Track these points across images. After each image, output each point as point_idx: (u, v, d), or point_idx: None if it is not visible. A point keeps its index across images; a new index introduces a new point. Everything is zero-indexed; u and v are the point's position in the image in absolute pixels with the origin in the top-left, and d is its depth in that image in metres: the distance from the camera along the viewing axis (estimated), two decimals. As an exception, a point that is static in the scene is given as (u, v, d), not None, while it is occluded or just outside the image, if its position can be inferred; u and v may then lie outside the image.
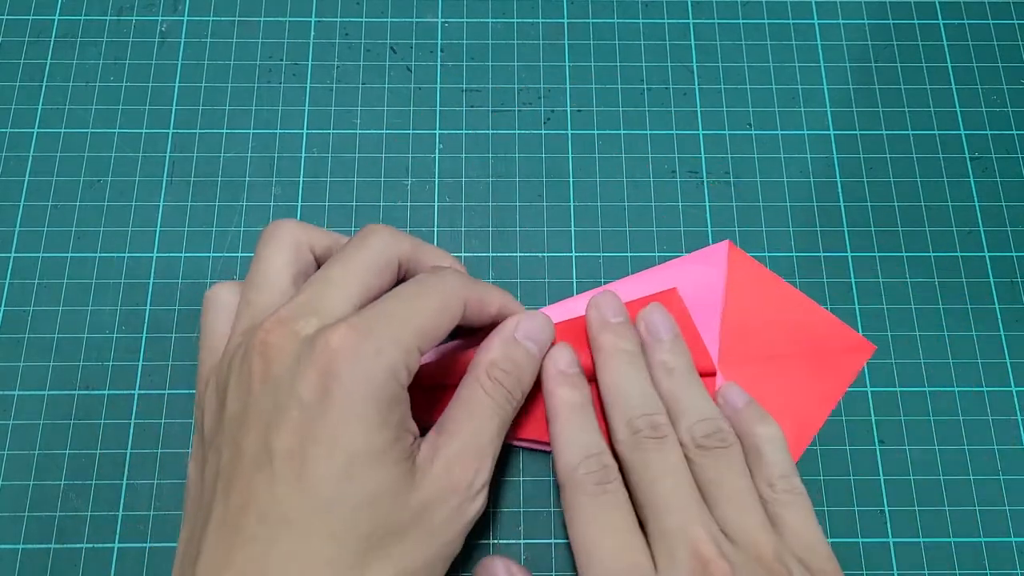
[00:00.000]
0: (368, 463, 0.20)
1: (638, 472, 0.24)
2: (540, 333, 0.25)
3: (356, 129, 0.31)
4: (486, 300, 0.24)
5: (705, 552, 0.22)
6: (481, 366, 0.24)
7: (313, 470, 0.20)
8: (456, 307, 0.23)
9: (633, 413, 0.25)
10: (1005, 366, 0.29)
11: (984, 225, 0.30)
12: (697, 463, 0.24)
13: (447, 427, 0.23)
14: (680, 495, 0.23)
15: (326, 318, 0.21)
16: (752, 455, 0.25)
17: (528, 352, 0.25)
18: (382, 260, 0.23)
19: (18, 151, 0.31)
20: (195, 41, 0.32)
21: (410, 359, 0.21)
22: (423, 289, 0.23)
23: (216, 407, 0.22)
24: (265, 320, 0.22)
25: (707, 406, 0.25)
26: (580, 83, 0.32)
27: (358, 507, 0.20)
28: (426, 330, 0.22)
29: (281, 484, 0.20)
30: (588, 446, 0.24)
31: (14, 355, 0.28)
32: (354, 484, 0.20)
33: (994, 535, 0.27)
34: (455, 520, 0.22)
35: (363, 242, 0.23)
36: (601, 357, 0.26)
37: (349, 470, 0.20)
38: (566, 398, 0.25)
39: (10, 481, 0.27)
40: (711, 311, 0.28)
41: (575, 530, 0.23)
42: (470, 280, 0.24)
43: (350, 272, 0.22)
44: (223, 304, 0.24)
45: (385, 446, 0.20)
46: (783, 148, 0.31)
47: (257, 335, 0.21)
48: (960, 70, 0.33)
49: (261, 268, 0.24)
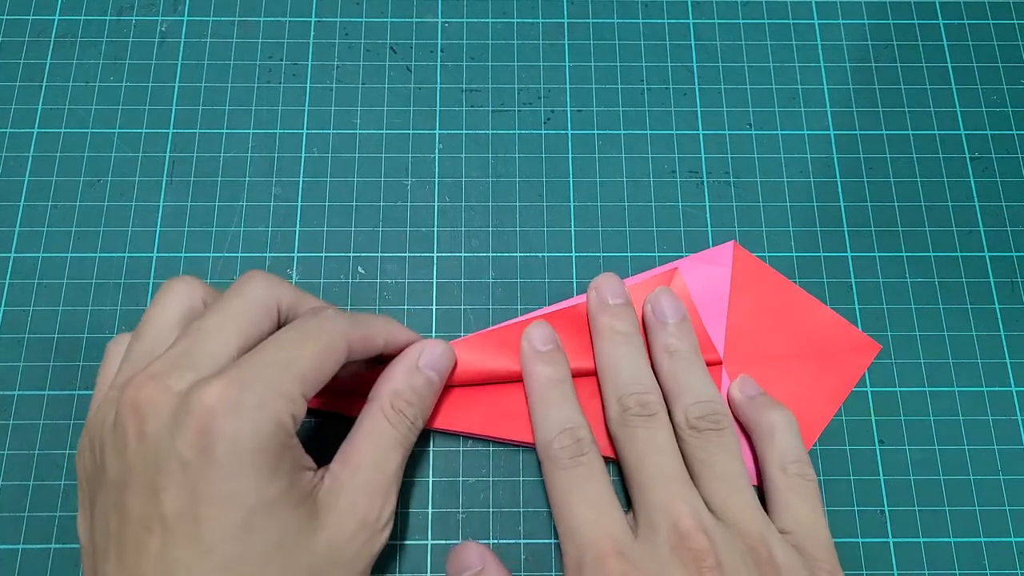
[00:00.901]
0: (266, 514, 0.20)
1: (626, 448, 0.25)
2: (440, 361, 0.25)
3: (356, 129, 0.31)
4: (370, 335, 0.24)
5: (685, 525, 0.22)
6: (385, 397, 0.24)
7: (209, 530, 0.19)
8: (340, 347, 0.22)
9: (623, 391, 0.25)
10: (1005, 366, 0.29)
11: (984, 225, 0.30)
12: (689, 444, 0.25)
13: (351, 460, 0.23)
14: (665, 471, 0.24)
15: (202, 370, 0.20)
16: (765, 440, 0.26)
17: (430, 381, 0.25)
18: (260, 306, 0.22)
19: (18, 151, 0.31)
20: (195, 41, 0.32)
21: (295, 407, 0.21)
22: (303, 333, 0.22)
23: (93, 467, 0.21)
24: (136, 375, 0.20)
25: (705, 389, 0.26)
26: (580, 83, 0.32)
27: (263, 560, 0.19)
28: (309, 375, 0.21)
29: (177, 548, 0.19)
30: (562, 421, 0.25)
31: (14, 355, 0.28)
32: (255, 537, 0.19)
33: (994, 535, 0.27)
34: (364, 553, 0.22)
35: (239, 289, 0.22)
36: (598, 338, 0.27)
37: (247, 525, 0.19)
38: (540, 374, 0.26)
39: (10, 481, 0.27)
40: (717, 311, 0.28)
41: (553, 503, 0.24)
42: (352, 317, 0.23)
43: (226, 320, 0.21)
44: (121, 354, 0.23)
45: (280, 494, 0.20)
46: (783, 148, 0.31)
47: (127, 391, 0.20)
48: (960, 70, 0.33)
49: (151, 318, 0.23)
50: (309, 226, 0.30)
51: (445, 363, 0.26)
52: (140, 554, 0.19)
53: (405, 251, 0.30)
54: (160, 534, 0.19)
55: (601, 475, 0.24)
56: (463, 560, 0.24)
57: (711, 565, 0.22)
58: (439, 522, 0.26)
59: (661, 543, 0.22)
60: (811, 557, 0.23)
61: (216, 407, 0.19)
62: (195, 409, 0.19)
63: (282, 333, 0.22)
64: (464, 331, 0.29)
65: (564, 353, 0.27)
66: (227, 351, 0.21)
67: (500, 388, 0.27)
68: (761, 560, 0.22)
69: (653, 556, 0.22)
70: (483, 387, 0.27)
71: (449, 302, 0.29)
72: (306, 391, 0.21)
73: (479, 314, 0.29)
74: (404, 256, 0.30)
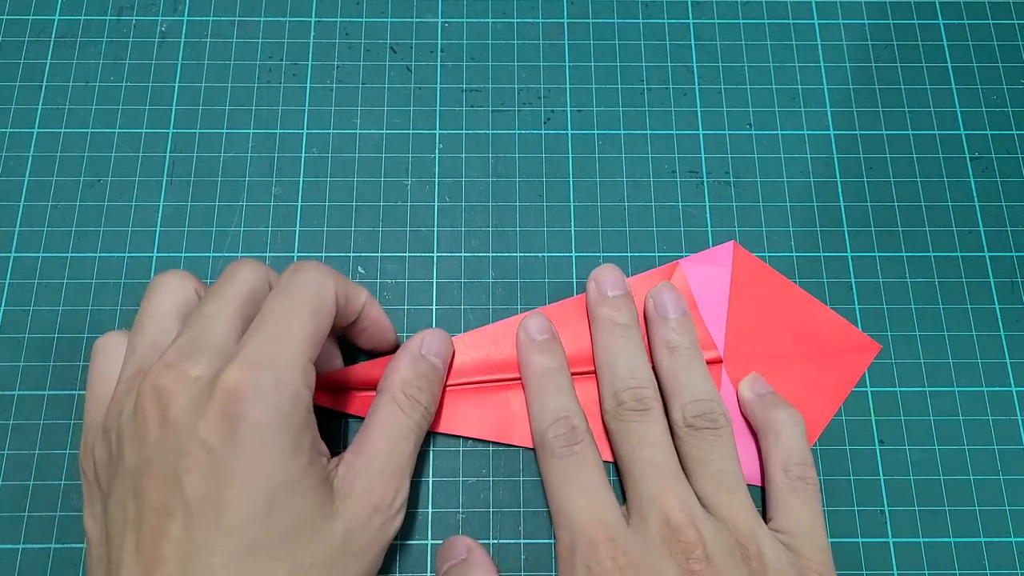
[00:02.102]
0: (286, 494, 0.20)
1: (620, 442, 0.25)
2: (442, 347, 0.26)
3: (356, 129, 0.31)
4: (352, 291, 0.24)
5: (675, 519, 0.23)
6: (396, 386, 0.24)
7: (232, 512, 0.19)
8: (329, 301, 0.23)
9: (620, 385, 0.25)
10: (1005, 366, 0.29)
11: (984, 225, 0.30)
12: (685, 442, 0.25)
13: (366, 447, 0.23)
14: (657, 466, 0.24)
15: (212, 355, 0.21)
16: (771, 439, 0.26)
17: (435, 367, 0.25)
18: (253, 288, 0.23)
19: (18, 151, 0.31)
20: (195, 41, 0.32)
21: (308, 376, 0.21)
22: (292, 297, 0.22)
23: (108, 458, 0.21)
24: (153, 365, 0.21)
25: (703, 386, 0.26)
26: (580, 83, 0.32)
27: (282, 543, 0.20)
28: (310, 338, 0.22)
29: (199, 531, 0.19)
30: (556, 410, 0.25)
31: (14, 355, 0.28)
32: (275, 520, 0.20)
33: (994, 535, 0.27)
34: (378, 540, 0.22)
35: (232, 275, 0.23)
36: (596, 329, 0.27)
37: (269, 506, 0.20)
38: (536, 364, 0.26)
39: (10, 481, 0.27)
40: (717, 310, 0.28)
41: (548, 491, 0.25)
42: (331, 269, 0.24)
43: (225, 304, 0.22)
44: (112, 351, 0.23)
45: (301, 473, 0.20)
46: (783, 148, 0.31)
47: (146, 380, 0.20)
48: (960, 70, 0.33)
49: (148, 311, 0.23)
50: (309, 226, 0.30)
51: (446, 349, 0.26)
52: (160, 539, 0.19)
53: (405, 251, 0.30)
54: (182, 517, 0.19)
55: (595, 464, 0.24)
56: (450, 552, 0.25)
57: (698, 557, 0.22)
58: (439, 522, 0.26)
59: (652, 534, 0.23)
60: (803, 557, 0.23)
61: (238, 390, 0.20)
62: (217, 393, 0.20)
63: (273, 301, 0.22)
64: (464, 331, 0.29)
65: (560, 343, 0.27)
66: (232, 334, 0.21)
67: (501, 394, 0.27)
68: (749, 555, 0.23)
69: (643, 545, 0.23)
70: (483, 392, 0.27)
71: (449, 302, 0.29)
72: (312, 355, 0.22)
73: (479, 314, 0.29)
74: (404, 256, 0.30)
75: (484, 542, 0.26)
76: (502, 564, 0.26)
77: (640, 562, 0.22)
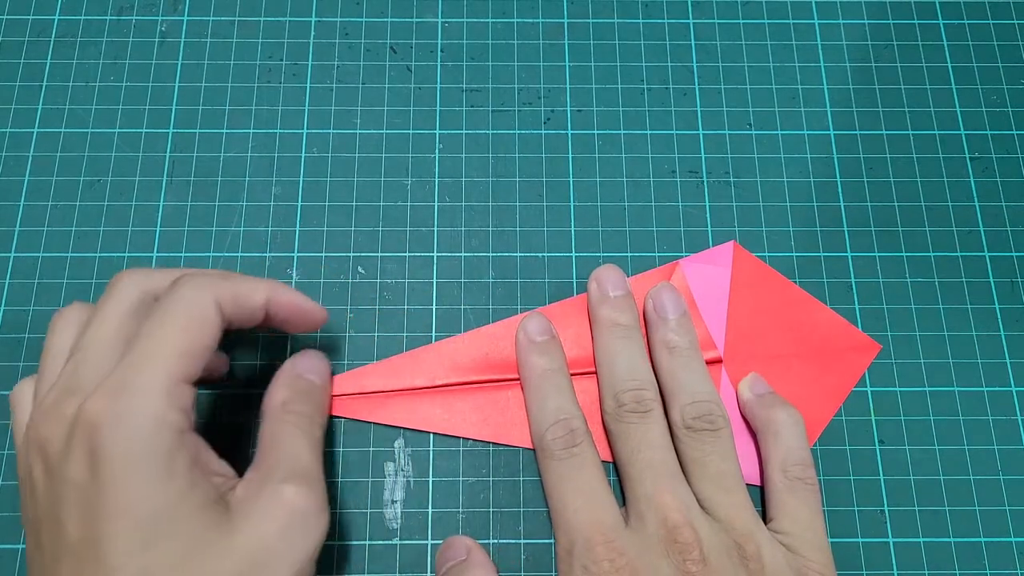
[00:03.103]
0: (166, 521, 0.19)
1: (619, 443, 0.25)
2: (316, 363, 0.25)
3: (356, 129, 0.31)
4: (242, 293, 0.22)
5: (673, 519, 0.23)
6: (277, 407, 0.23)
7: (111, 549, 0.19)
8: (209, 313, 0.21)
9: (620, 387, 0.25)
10: (1005, 366, 0.29)
11: (984, 225, 0.30)
12: (684, 443, 0.25)
13: (264, 461, 0.22)
14: (656, 466, 0.24)
15: (87, 388, 0.20)
16: (770, 439, 0.26)
17: (312, 383, 0.25)
18: (133, 303, 0.22)
19: (18, 151, 0.31)
20: (195, 41, 0.32)
21: (176, 398, 0.20)
22: (164, 314, 0.21)
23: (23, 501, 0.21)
24: (33, 411, 0.21)
25: (702, 387, 0.26)
26: (580, 83, 0.32)
27: (174, 569, 0.19)
28: (183, 356, 0.20)
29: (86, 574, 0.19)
30: (556, 412, 0.25)
31: (14, 355, 0.28)
32: (160, 548, 0.19)
33: (994, 535, 0.27)
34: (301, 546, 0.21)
35: (109, 293, 0.22)
36: (597, 329, 0.27)
37: (148, 536, 0.19)
38: (535, 365, 0.26)
39: (10, 481, 0.27)
40: (717, 310, 0.28)
41: (547, 493, 0.25)
42: (219, 275, 0.22)
43: (103, 328, 0.21)
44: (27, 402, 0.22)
45: (179, 497, 0.19)
46: (783, 148, 0.31)
47: (29, 434, 0.20)
48: (960, 70, 0.33)
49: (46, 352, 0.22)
50: (309, 226, 0.30)
51: (321, 365, 0.25)
52: None
53: (405, 251, 0.30)
54: (69, 563, 0.19)
55: (594, 465, 0.25)
56: (450, 552, 0.25)
57: (696, 558, 0.22)
58: (439, 522, 0.26)
59: (650, 534, 0.23)
60: (803, 558, 0.23)
61: (96, 423, 0.19)
62: (80, 430, 0.19)
63: (145, 322, 0.21)
64: (464, 331, 0.29)
65: (560, 344, 0.27)
66: (112, 359, 0.21)
67: (500, 394, 0.27)
68: (747, 556, 0.23)
69: (641, 545, 0.23)
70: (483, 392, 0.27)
71: (449, 302, 0.29)
72: (186, 373, 0.20)
73: (479, 314, 0.29)
74: (404, 256, 0.30)
75: (484, 542, 0.26)
76: (502, 564, 0.26)
77: (637, 562, 0.22)
